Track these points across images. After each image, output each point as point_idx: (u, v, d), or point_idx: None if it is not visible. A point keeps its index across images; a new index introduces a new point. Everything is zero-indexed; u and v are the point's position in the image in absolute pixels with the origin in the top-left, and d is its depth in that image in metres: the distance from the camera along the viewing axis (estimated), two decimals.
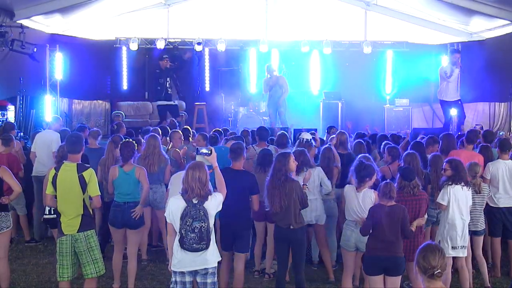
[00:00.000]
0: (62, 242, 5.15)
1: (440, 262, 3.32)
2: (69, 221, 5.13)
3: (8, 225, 5.70)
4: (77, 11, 13.11)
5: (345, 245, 5.68)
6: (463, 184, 5.70)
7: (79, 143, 5.34)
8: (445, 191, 5.73)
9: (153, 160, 6.82)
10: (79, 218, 5.14)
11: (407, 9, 14.60)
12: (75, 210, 5.13)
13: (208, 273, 4.55)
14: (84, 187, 5.13)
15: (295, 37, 14.90)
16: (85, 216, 5.17)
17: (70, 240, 5.14)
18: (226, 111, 14.53)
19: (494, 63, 13.21)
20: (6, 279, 5.76)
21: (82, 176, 5.12)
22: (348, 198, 5.66)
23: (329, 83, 15.15)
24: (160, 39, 14.36)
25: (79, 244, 5.14)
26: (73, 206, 5.12)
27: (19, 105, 11.70)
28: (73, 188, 5.11)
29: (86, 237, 5.17)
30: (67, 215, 5.13)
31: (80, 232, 5.14)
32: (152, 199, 6.91)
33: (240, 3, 15.29)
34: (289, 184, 5.40)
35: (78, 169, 5.14)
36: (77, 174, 5.11)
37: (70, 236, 5.14)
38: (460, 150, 7.08)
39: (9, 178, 5.59)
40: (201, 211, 4.41)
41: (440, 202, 5.75)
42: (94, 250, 5.23)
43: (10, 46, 10.84)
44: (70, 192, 5.12)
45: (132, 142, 6.19)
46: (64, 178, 5.13)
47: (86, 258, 5.19)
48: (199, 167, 4.50)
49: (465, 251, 5.79)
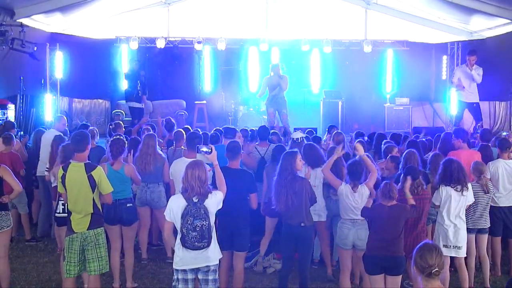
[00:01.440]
0: (72, 239, 5.18)
1: (437, 261, 3.32)
2: (79, 219, 5.15)
3: (8, 224, 5.71)
4: (77, 10, 13.10)
5: (341, 244, 5.69)
6: (454, 186, 5.67)
7: (84, 141, 5.31)
8: (438, 191, 5.78)
9: (148, 159, 6.83)
10: (89, 216, 5.17)
11: (407, 8, 14.60)
12: (85, 209, 5.15)
13: (210, 270, 4.61)
14: (94, 187, 5.15)
15: (295, 36, 14.91)
16: (95, 214, 5.19)
17: (80, 237, 5.17)
18: (226, 110, 14.55)
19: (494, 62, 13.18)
20: (6, 278, 5.77)
21: (92, 176, 5.13)
22: (344, 198, 5.66)
23: (329, 82, 15.16)
24: (160, 38, 14.38)
25: (88, 241, 5.18)
26: (83, 205, 5.15)
27: (19, 104, 11.69)
28: (83, 188, 5.13)
29: (96, 235, 5.20)
30: (77, 213, 5.16)
31: (90, 229, 5.17)
32: (150, 198, 6.93)
33: (240, 2, 15.29)
34: (298, 183, 5.43)
35: (87, 169, 5.16)
36: (86, 174, 5.13)
37: (80, 234, 5.16)
38: (459, 150, 7.08)
39: (9, 177, 5.60)
40: (201, 210, 4.44)
41: (434, 201, 5.82)
42: (101, 247, 5.25)
43: (10, 45, 10.82)
44: (79, 192, 5.14)
45: (123, 139, 6.19)
46: (73, 179, 5.14)
47: (92, 254, 5.21)
48: (198, 165, 4.53)
49: (460, 252, 5.78)
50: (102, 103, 15.03)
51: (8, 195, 5.64)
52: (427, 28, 15.13)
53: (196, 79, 15.18)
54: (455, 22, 14.27)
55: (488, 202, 6.27)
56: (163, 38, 14.48)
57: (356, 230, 5.57)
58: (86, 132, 5.77)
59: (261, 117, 13.41)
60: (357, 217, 5.56)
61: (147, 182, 6.87)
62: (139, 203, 6.91)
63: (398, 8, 14.85)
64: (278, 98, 11.67)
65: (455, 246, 5.71)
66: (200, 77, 15.13)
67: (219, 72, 15.14)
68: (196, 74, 15.20)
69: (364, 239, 5.53)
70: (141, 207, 6.92)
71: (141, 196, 6.94)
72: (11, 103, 11.35)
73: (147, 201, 6.93)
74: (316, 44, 14.75)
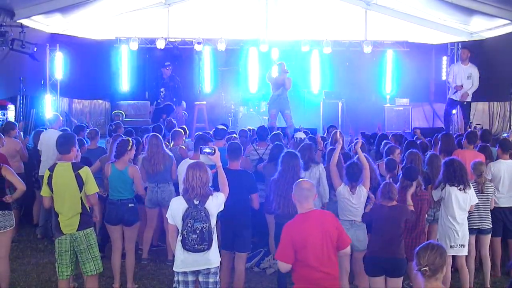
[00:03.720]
0: (61, 241, 5.16)
1: (430, 260, 3.28)
2: (67, 220, 5.12)
3: (11, 224, 5.71)
4: (77, 11, 13.10)
5: None
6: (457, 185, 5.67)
7: (68, 143, 5.26)
8: (438, 189, 5.81)
9: (158, 159, 6.77)
10: (78, 216, 5.14)
11: (407, 8, 14.61)
12: (73, 209, 5.12)
13: (211, 273, 4.58)
14: (81, 186, 5.12)
15: (295, 37, 14.90)
16: (83, 214, 5.17)
17: (69, 239, 5.14)
18: (226, 110, 14.55)
19: (494, 63, 13.20)
20: (6, 278, 5.76)
21: (79, 174, 5.11)
22: (342, 199, 5.66)
23: (329, 82, 15.15)
24: (160, 38, 14.37)
25: (78, 242, 5.15)
26: (71, 205, 5.12)
27: (19, 105, 11.69)
28: (70, 187, 5.10)
29: (86, 235, 5.17)
30: (65, 214, 5.13)
31: (79, 230, 5.14)
32: (160, 198, 6.88)
33: (240, 3, 15.29)
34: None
35: (74, 168, 5.13)
36: (73, 172, 5.10)
37: (69, 235, 5.14)
38: (464, 150, 7.09)
39: (12, 177, 5.60)
40: (202, 212, 4.42)
41: (433, 196, 5.84)
42: (94, 248, 5.24)
43: (10, 45, 10.83)
44: (67, 191, 5.11)
45: (127, 140, 6.19)
46: (60, 178, 5.11)
47: (85, 256, 5.20)
48: (199, 166, 4.51)
49: (465, 250, 5.79)
50: (102, 104, 15.03)
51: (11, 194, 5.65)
52: (427, 28, 15.13)
53: (196, 80, 15.18)
54: (455, 22, 14.27)
55: (486, 202, 6.26)
56: (163, 38, 14.47)
57: (354, 231, 5.56)
58: (72, 134, 5.77)
59: (261, 118, 13.40)
60: (355, 218, 5.56)
61: (158, 182, 6.82)
62: (150, 205, 6.89)
63: (398, 9, 14.86)
64: (282, 99, 11.48)
65: (457, 245, 5.72)
66: (200, 77, 15.12)
67: (219, 73, 15.13)
68: (196, 75, 15.20)
69: (362, 240, 5.54)
70: (151, 208, 6.91)
71: (151, 197, 6.88)
72: (11, 104, 11.35)
73: (158, 201, 6.88)
74: (316, 45, 14.74)
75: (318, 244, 3.98)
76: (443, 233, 5.78)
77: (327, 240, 4.02)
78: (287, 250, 4.01)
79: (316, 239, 3.98)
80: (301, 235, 3.99)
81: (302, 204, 4.13)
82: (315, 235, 3.99)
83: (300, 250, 3.98)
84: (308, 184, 4.23)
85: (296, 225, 4.07)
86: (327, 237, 4.02)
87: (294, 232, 4.02)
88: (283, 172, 5.47)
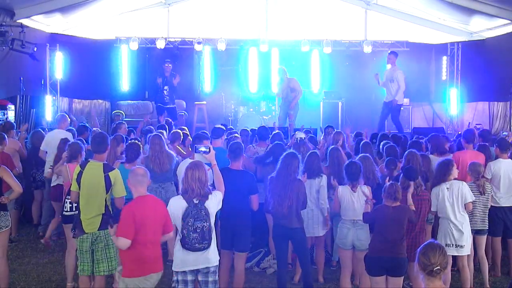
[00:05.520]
0: (82, 240, 5.21)
1: (440, 260, 3.31)
2: (89, 219, 5.17)
3: (7, 224, 5.70)
4: (77, 11, 13.11)
5: (341, 244, 5.69)
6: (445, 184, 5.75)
7: (105, 143, 5.41)
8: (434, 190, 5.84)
9: (163, 159, 6.73)
10: (100, 217, 5.19)
11: (407, 8, 14.60)
12: (97, 209, 5.18)
13: (210, 272, 4.59)
14: (109, 187, 5.19)
15: (295, 37, 14.90)
16: (105, 215, 5.21)
17: (90, 238, 5.19)
18: (226, 110, 14.55)
19: (494, 63, 13.21)
20: (5, 278, 5.76)
21: (108, 176, 5.17)
22: (343, 199, 5.66)
23: (329, 82, 15.15)
24: (160, 38, 14.37)
25: (98, 241, 5.20)
26: (96, 205, 5.17)
27: (19, 105, 11.70)
28: (98, 187, 5.16)
29: (106, 236, 5.20)
30: (88, 213, 5.18)
31: (100, 230, 5.19)
32: (165, 198, 6.80)
33: (240, 3, 15.29)
34: (296, 185, 5.45)
35: (105, 169, 5.20)
36: (103, 173, 5.16)
37: (90, 234, 5.18)
38: (464, 151, 7.09)
39: (9, 178, 5.59)
40: (202, 211, 4.43)
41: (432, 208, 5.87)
42: (111, 248, 5.26)
43: (10, 45, 10.84)
44: (94, 191, 5.17)
45: (138, 143, 6.20)
46: (90, 177, 5.17)
47: (101, 255, 5.23)
48: (198, 166, 4.52)
49: (461, 250, 5.79)
50: (102, 104, 15.03)
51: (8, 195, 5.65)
52: (427, 28, 15.14)
53: (196, 80, 15.18)
54: (455, 22, 14.27)
55: (486, 204, 6.27)
56: (163, 38, 14.47)
57: (355, 230, 5.57)
58: (106, 134, 5.79)
59: (261, 118, 13.41)
60: (357, 217, 5.56)
61: (161, 182, 6.76)
62: None
63: (398, 9, 14.86)
64: (286, 101, 12.14)
65: (457, 245, 5.72)
66: (200, 77, 15.12)
67: (219, 73, 15.13)
68: (196, 75, 15.20)
69: (363, 240, 5.53)
70: None
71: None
72: (11, 104, 11.36)
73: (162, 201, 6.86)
74: (316, 45, 14.74)
75: (152, 225, 4.45)
76: (441, 232, 5.84)
77: (158, 223, 4.51)
78: (129, 228, 4.37)
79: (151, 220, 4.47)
80: (141, 215, 4.43)
81: (137, 188, 4.53)
82: (151, 217, 4.46)
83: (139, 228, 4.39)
84: (142, 170, 4.64)
85: (136, 205, 4.49)
86: (159, 220, 4.52)
87: (135, 212, 4.43)
88: (281, 170, 5.49)
